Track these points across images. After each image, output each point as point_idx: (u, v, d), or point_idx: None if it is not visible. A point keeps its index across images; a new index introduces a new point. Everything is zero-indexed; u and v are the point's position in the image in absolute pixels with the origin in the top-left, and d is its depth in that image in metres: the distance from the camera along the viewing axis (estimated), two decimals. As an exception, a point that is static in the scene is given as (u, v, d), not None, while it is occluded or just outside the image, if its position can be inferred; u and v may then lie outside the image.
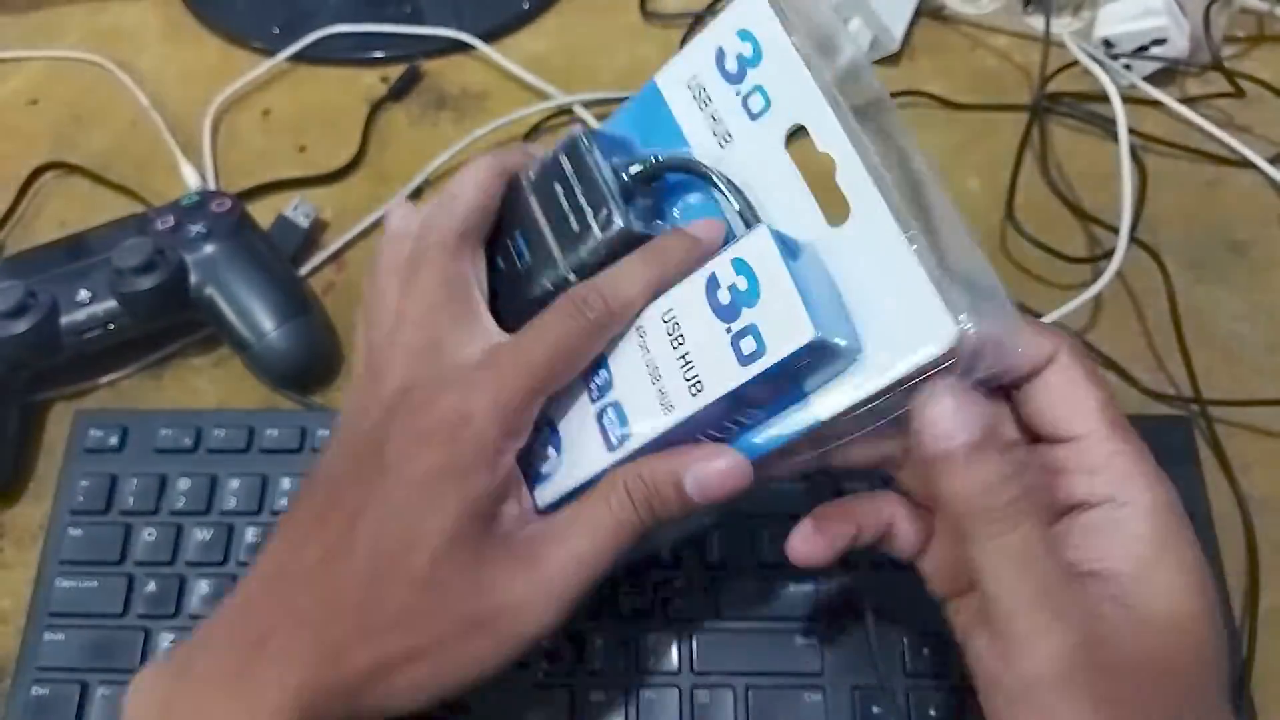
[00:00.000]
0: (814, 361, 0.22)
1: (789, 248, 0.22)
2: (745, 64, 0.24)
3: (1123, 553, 0.22)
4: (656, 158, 0.25)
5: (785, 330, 0.21)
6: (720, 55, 0.24)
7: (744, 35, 0.24)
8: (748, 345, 0.22)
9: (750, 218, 0.24)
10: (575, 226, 0.25)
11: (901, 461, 0.26)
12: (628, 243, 0.25)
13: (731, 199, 0.24)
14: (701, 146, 0.25)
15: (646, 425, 0.24)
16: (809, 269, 0.22)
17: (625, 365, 0.25)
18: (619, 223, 0.24)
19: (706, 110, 0.25)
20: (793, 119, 0.23)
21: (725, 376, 0.22)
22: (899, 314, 0.21)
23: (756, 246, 0.22)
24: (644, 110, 0.26)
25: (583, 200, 0.25)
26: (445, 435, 0.24)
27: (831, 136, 0.22)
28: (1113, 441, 0.23)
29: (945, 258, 0.21)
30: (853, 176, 0.22)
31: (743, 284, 0.22)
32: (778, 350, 0.21)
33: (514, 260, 0.27)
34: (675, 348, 0.23)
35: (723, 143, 0.25)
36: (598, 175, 0.25)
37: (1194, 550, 0.23)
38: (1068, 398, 0.23)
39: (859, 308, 0.22)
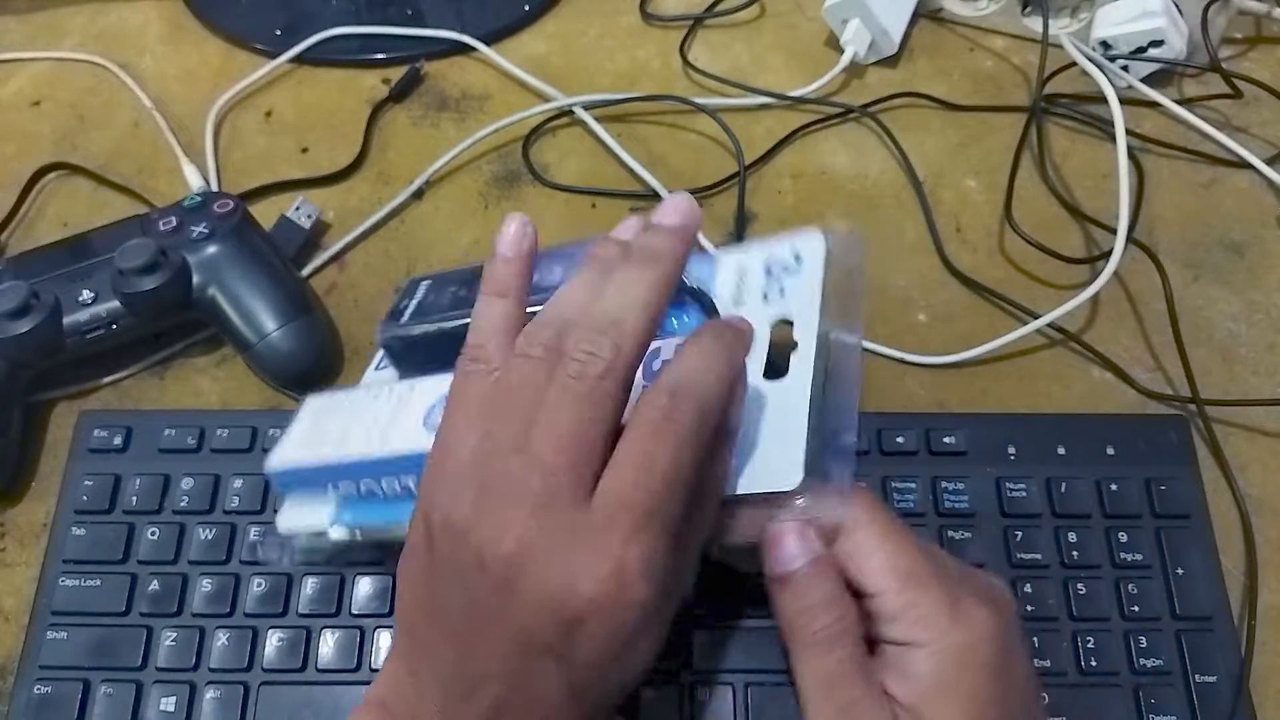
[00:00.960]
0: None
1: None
2: (784, 271, 0.31)
3: (909, 688, 0.25)
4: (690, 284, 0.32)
5: None
6: (771, 262, 0.32)
7: (797, 256, 0.31)
8: None
9: None
10: None
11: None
12: None
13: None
14: (720, 299, 0.32)
15: None
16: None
17: None
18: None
19: (739, 282, 0.32)
20: (789, 314, 0.30)
21: None
22: (777, 450, 0.27)
23: None
24: (700, 264, 0.33)
25: None
26: (613, 641, 0.24)
27: (805, 331, 0.29)
28: (903, 595, 0.26)
29: (826, 420, 0.28)
30: (801, 360, 0.29)
31: None
32: None
33: None
34: None
35: (734, 304, 0.31)
36: None
37: (977, 689, 0.25)
38: (862, 559, 0.26)
39: (757, 435, 0.28)
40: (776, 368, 0.29)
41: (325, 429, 0.32)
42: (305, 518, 0.31)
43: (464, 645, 0.24)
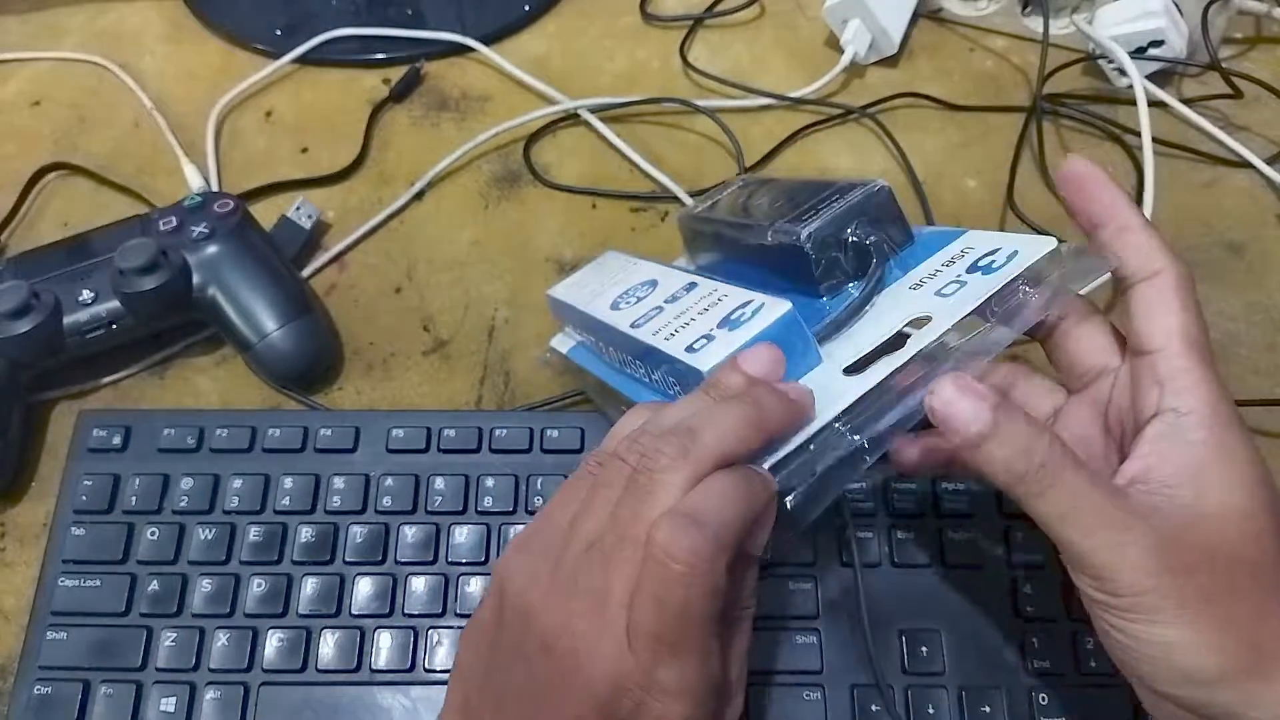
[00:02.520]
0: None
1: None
2: (978, 266, 0.29)
3: (1182, 457, 0.24)
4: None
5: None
6: (981, 254, 0.30)
7: (1012, 254, 0.29)
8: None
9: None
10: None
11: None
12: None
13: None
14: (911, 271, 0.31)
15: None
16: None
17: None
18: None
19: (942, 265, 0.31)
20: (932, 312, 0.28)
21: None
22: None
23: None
24: (938, 236, 0.32)
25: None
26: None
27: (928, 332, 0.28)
28: (1183, 358, 0.25)
29: None
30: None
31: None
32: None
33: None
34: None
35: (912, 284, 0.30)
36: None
37: (1249, 455, 0.25)
38: (1152, 314, 0.26)
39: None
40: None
41: (595, 279, 0.37)
42: (562, 343, 0.39)
43: (514, 703, 0.25)
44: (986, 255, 0.29)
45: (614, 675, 0.23)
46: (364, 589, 0.35)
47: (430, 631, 0.34)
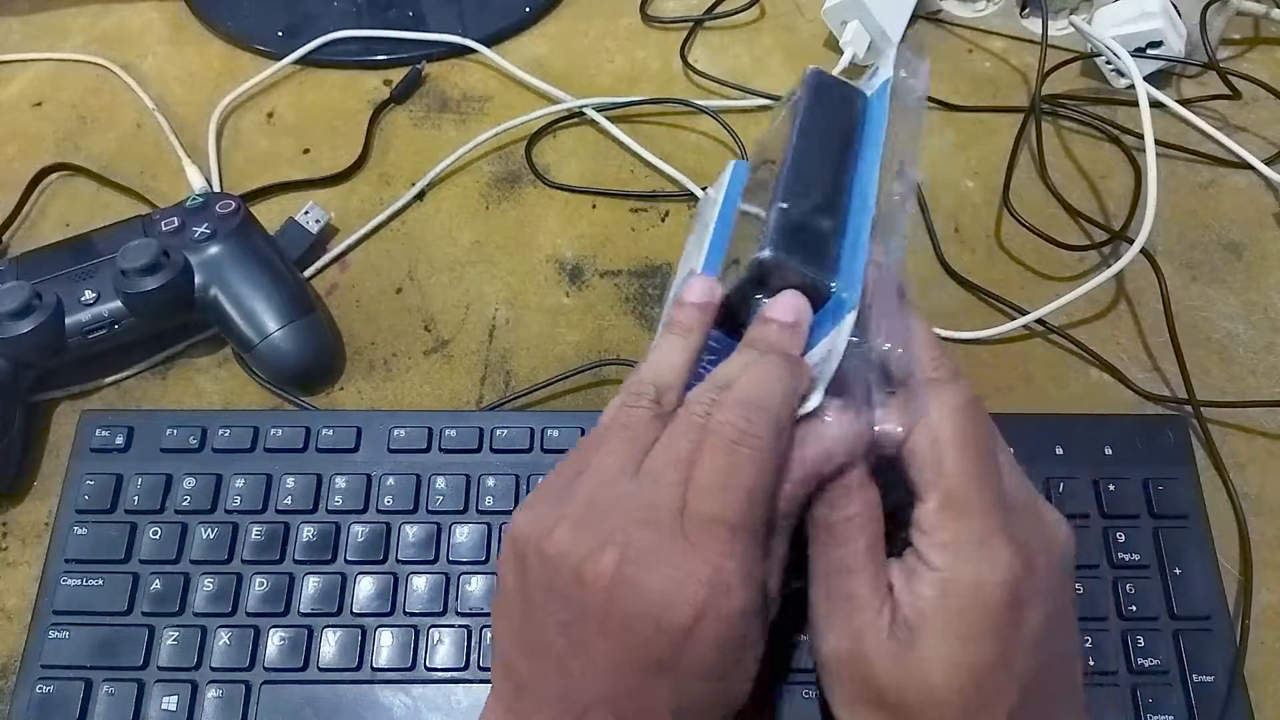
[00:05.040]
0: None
1: None
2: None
3: (911, 605, 0.24)
4: None
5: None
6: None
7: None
8: None
9: None
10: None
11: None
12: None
13: None
14: None
15: None
16: None
17: None
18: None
19: None
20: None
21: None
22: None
23: None
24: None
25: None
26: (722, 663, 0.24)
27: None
28: (940, 515, 0.25)
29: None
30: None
31: None
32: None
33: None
34: None
35: None
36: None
37: (975, 630, 0.24)
38: (921, 461, 0.25)
39: None
40: None
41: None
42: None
43: (566, 672, 0.24)
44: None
45: (671, 579, 0.23)
46: (365, 588, 0.35)
47: (431, 630, 0.34)
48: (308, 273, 0.45)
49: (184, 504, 0.36)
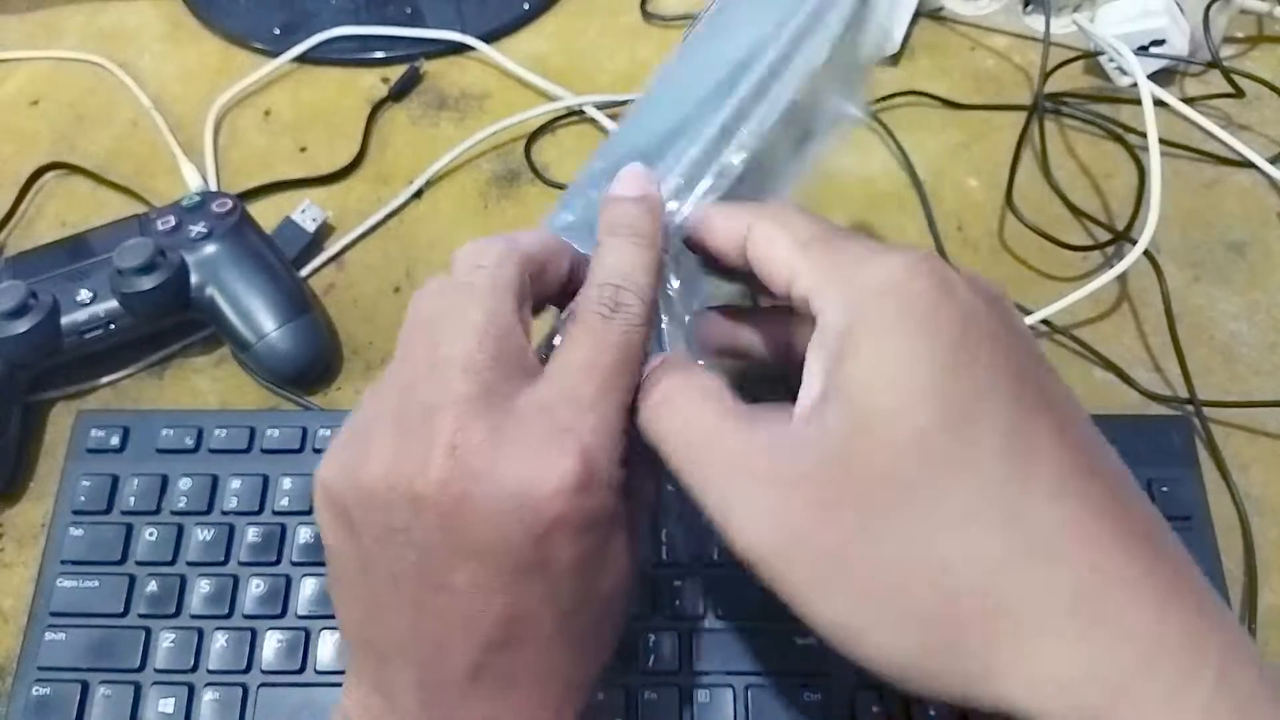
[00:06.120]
0: None
1: None
2: None
3: (823, 359, 0.21)
4: None
5: None
6: None
7: None
8: None
9: None
10: None
11: None
12: None
13: None
14: None
15: None
16: None
17: None
18: None
19: None
20: None
21: None
22: None
23: None
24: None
25: None
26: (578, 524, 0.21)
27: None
28: (808, 259, 0.22)
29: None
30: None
31: None
32: None
33: None
34: None
35: None
36: None
37: (912, 321, 0.19)
38: (769, 252, 0.23)
39: None
40: None
41: None
42: None
43: (430, 621, 0.21)
44: None
45: (522, 462, 0.20)
46: (363, 590, 0.35)
47: (429, 632, 0.34)
48: (305, 272, 0.45)
49: (180, 505, 0.36)
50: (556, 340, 0.24)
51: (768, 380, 0.26)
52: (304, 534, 0.36)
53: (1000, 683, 0.18)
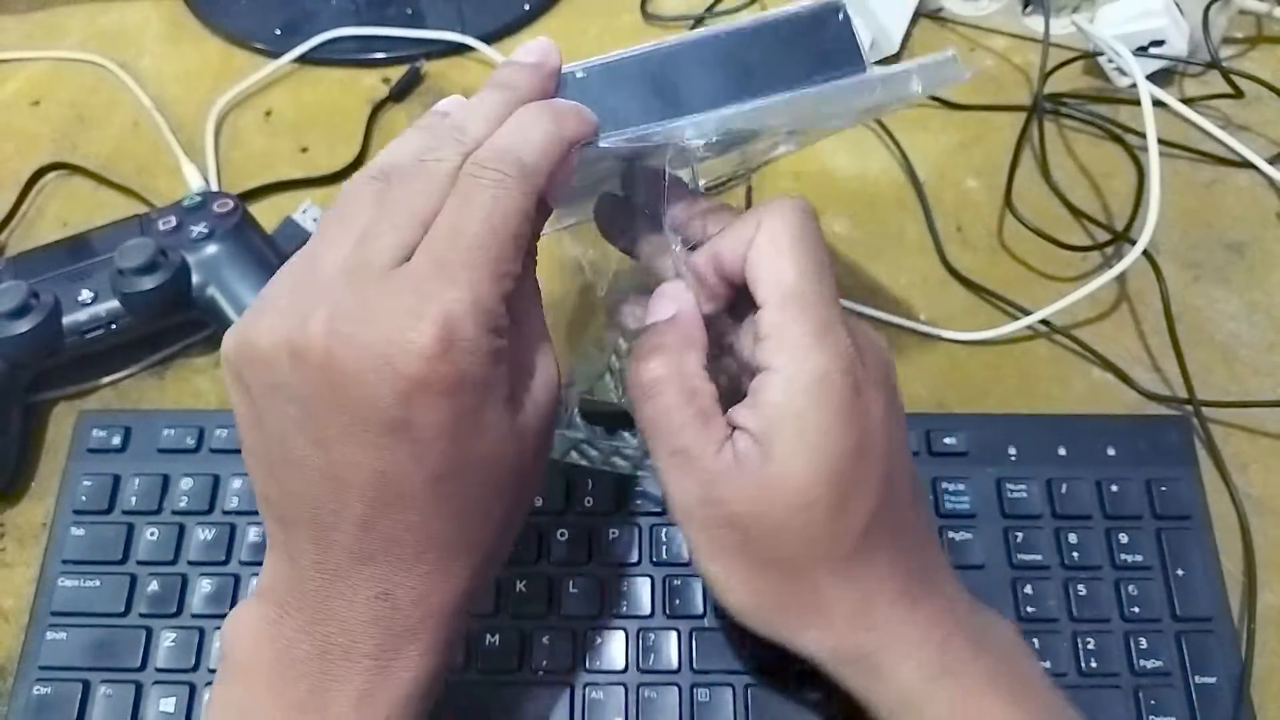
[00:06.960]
0: None
1: None
2: None
3: (758, 416, 0.25)
4: None
5: None
6: None
7: None
8: None
9: None
10: None
11: None
12: None
13: None
14: None
15: None
16: None
17: None
18: None
19: None
20: None
21: None
22: None
23: None
24: None
25: None
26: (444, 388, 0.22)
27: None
28: (778, 314, 0.25)
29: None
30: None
31: None
32: None
33: None
34: None
35: None
36: None
37: (827, 421, 0.24)
38: (759, 270, 0.26)
39: None
40: None
41: None
42: None
43: (312, 476, 0.22)
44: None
45: (391, 323, 0.21)
46: (364, 589, 0.35)
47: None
48: (306, 272, 0.45)
49: (181, 504, 0.36)
50: None
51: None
52: (305, 534, 0.36)
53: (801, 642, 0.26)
